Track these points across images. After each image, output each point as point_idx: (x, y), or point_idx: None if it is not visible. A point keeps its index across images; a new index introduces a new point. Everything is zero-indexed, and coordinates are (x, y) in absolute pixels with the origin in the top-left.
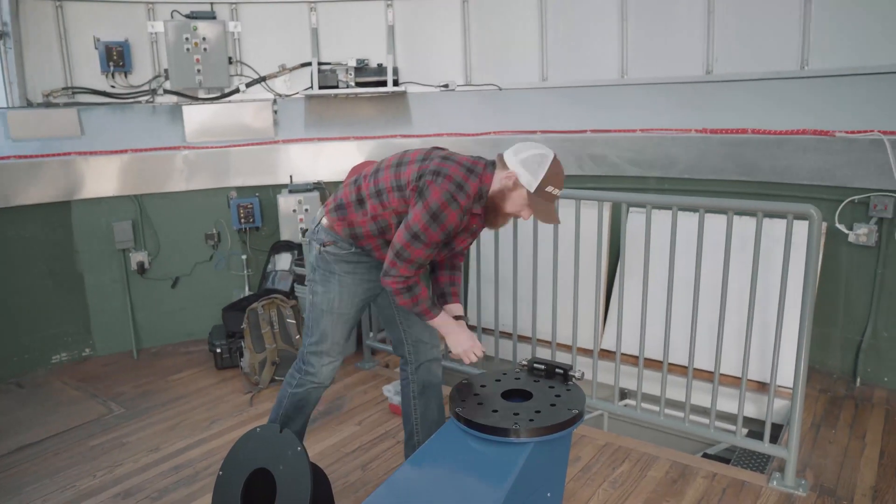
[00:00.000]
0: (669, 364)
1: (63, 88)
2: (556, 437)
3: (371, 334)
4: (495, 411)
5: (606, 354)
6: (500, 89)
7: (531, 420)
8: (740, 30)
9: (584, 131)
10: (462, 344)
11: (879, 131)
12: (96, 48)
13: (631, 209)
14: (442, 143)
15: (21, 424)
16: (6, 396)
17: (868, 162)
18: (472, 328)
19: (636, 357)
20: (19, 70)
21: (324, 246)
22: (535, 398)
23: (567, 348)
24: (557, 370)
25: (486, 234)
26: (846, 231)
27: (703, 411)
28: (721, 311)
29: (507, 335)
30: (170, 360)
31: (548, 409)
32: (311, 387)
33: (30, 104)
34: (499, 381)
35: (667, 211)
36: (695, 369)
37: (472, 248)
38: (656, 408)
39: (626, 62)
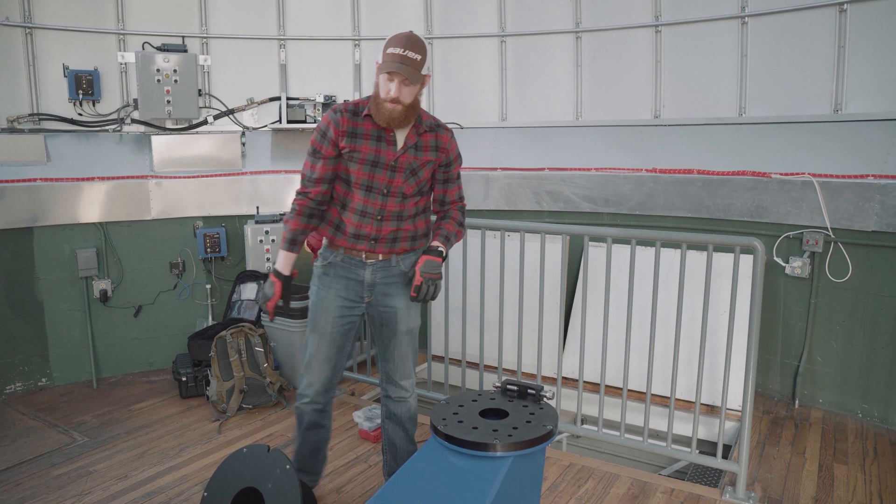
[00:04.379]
0: (625, 391)
1: (29, 114)
2: (533, 451)
3: None
4: (475, 428)
5: (566, 381)
6: (462, 127)
7: (510, 435)
8: (684, 79)
9: (542, 169)
10: (266, 291)
11: (810, 174)
12: (65, 76)
13: (588, 242)
14: None
15: None
16: None
17: (800, 201)
18: (439, 359)
19: (595, 384)
20: None
21: (314, 262)
22: (511, 416)
23: (531, 377)
24: (529, 391)
25: (454, 264)
26: (783, 264)
27: (657, 435)
28: (676, 339)
29: (474, 365)
30: (131, 389)
31: (524, 425)
32: (300, 402)
33: None
34: (475, 401)
35: (621, 244)
36: (652, 394)
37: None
38: (616, 431)
39: (580, 105)
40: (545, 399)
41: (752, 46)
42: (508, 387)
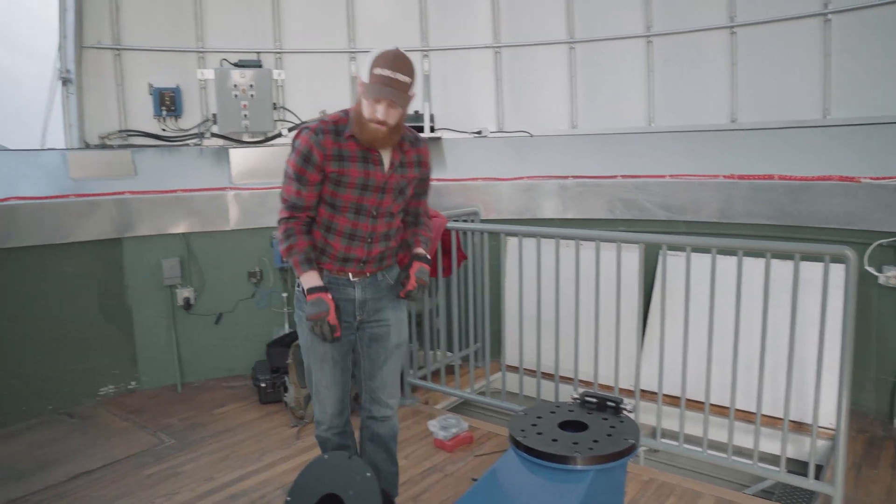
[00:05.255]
0: (707, 405)
1: (118, 131)
2: (614, 466)
3: (411, 371)
4: (555, 440)
5: (644, 394)
6: (531, 136)
7: (590, 448)
8: (762, 81)
9: (614, 177)
10: (310, 309)
11: None
12: (150, 94)
13: (661, 252)
14: (475, 187)
15: (75, 453)
16: (58, 426)
17: (894, 207)
18: (513, 370)
19: (673, 396)
20: (79, 114)
21: (297, 287)
22: (590, 429)
23: (608, 389)
24: (609, 403)
25: (529, 274)
26: (876, 273)
27: (740, 451)
28: (761, 352)
29: (549, 376)
30: (213, 393)
31: (605, 438)
32: (320, 431)
33: (87, 146)
34: (553, 413)
35: (699, 253)
36: (735, 410)
37: (513, 288)
38: (697, 447)
39: (652, 111)
40: (625, 412)
41: (836, 45)
42: (587, 399)
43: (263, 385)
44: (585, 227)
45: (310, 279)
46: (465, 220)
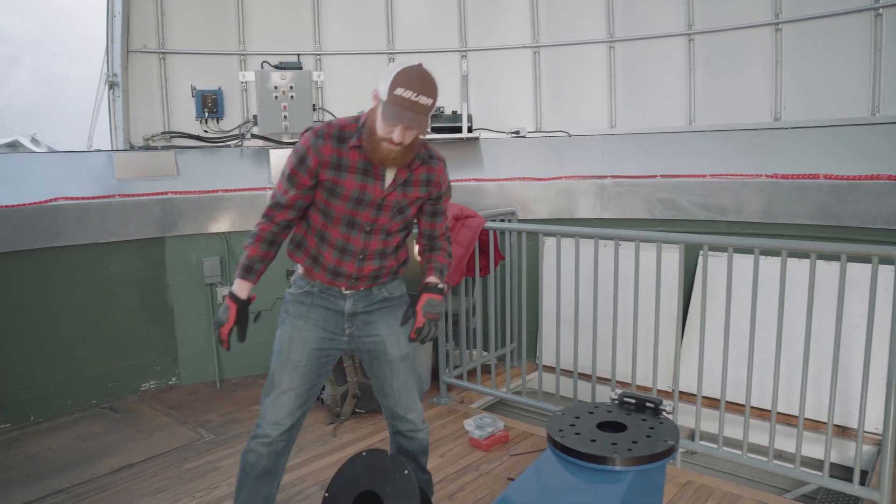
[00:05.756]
0: (748, 407)
1: (162, 133)
2: (654, 467)
3: (447, 370)
4: (593, 441)
5: (681, 396)
6: (570, 136)
7: (629, 449)
8: (809, 78)
9: (654, 176)
10: (219, 313)
11: None
12: (193, 96)
13: (702, 252)
14: (512, 187)
15: (119, 446)
16: (103, 420)
17: None
18: (550, 370)
19: (712, 398)
20: (125, 116)
21: (288, 288)
22: (629, 430)
23: (646, 390)
24: (648, 404)
25: (566, 274)
26: None
27: (780, 455)
28: (805, 355)
29: (586, 377)
30: (250, 390)
31: (644, 439)
32: (253, 444)
33: (132, 147)
34: (591, 413)
35: (741, 254)
36: (776, 413)
37: (551, 288)
38: (736, 450)
39: (693, 110)
40: (664, 413)
41: (886, 40)
42: (626, 399)
43: None
44: (623, 227)
45: (239, 286)
46: (502, 220)
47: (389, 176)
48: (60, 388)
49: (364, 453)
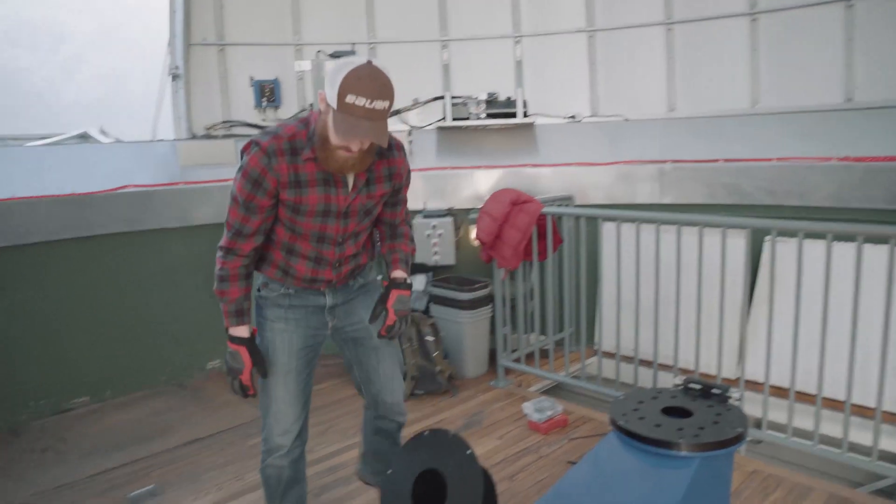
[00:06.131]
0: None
1: (222, 122)
2: (721, 454)
3: (505, 354)
4: (658, 425)
5: (747, 384)
6: (627, 120)
7: (696, 435)
8: (881, 57)
9: (716, 160)
10: (229, 360)
11: None
12: (251, 86)
13: (768, 237)
14: (569, 173)
15: (189, 421)
16: (172, 397)
17: None
18: (609, 356)
19: (780, 388)
20: (187, 106)
21: (258, 291)
22: (695, 416)
23: (710, 378)
24: (714, 391)
25: (627, 260)
26: None
27: (853, 447)
28: (883, 345)
29: (647, 363)
30: None
31: (711, 426)
32: (270, 459)
33: (194, 136)
34: (655, 398)
35: (811, 239)
36: (849, 404)
37: (611, 273)
38: (807, 440)
39: (757, 92)
40: (732, 400)
41: None
42: (691, 385)
43: None
44: (684, 212)
45: (236, 330)
46: (560, 205)
47: (350, 180)
48: (133, 366)
49: (426, 433)
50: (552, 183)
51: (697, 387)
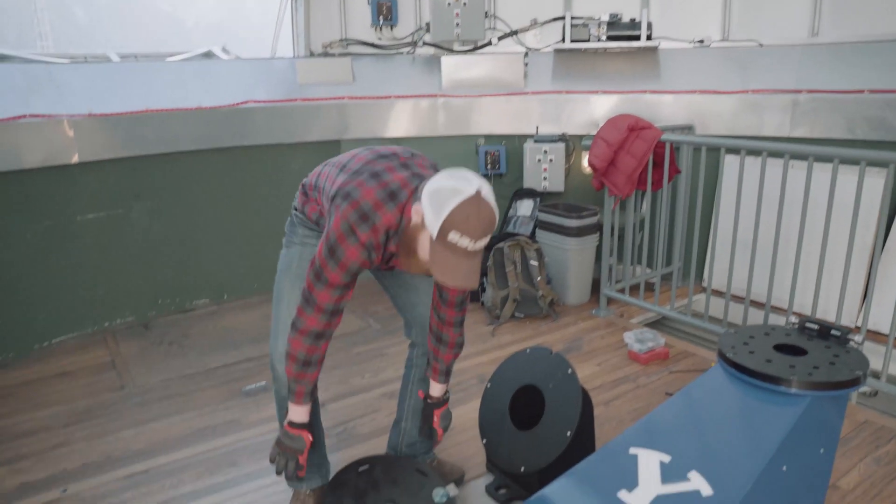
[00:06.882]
0: None
1: (339, 40)
2: (835, 395)
3: (609, 284)
4: (769, 361)
5: (869, 334)
6: (761, 45)
7: (809, 374)
8: None
9: (860, 91)
10: (286, 442)
11: None
12: (369, 4)
13: None
14: (692, 101)
15: None
16: None
17: None
18: (718, 294)
19: None
20: (306, 24)
21: (294, 210)
22: (810, 355)
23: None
24: (833, 332)
25: (748, 194)
26: None
27: None
28: None
29: (759, 305)
30: None
31: (827, 366)
32: (278, 386)
33: (312, 54)
34: (767, 335)
35: None
36: None
37: (728, 208)
38: None
39: None
40: (853, 342)
41: None
42: (808, 325)
43: None
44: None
45: (300, 413)
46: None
47: None
48: (249, 272)
49: (528, 350)
50: (673, 111)
51: (815, 326)
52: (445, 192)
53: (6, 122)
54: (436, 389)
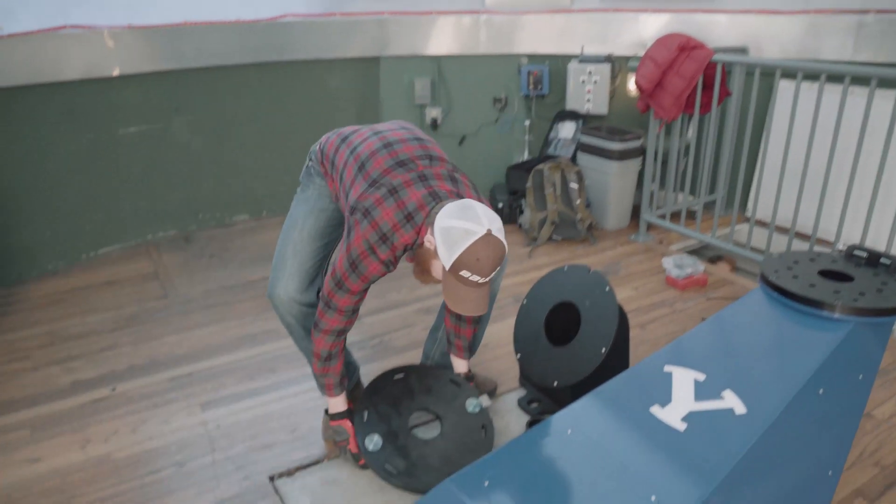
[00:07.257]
0: None
1: None
2: (880, 322)
3: (650, 209)
4: (813, 285)
5: None
6: None
7: (854, 300)
8: None
9: None
10: (331, 435)
11: None
12: None
13: None
14: (745, 21)
15: None
16: None
17: None
18: (762, 224)
19: None
20: None
21: (310, 160)
22: (856, 281)
23: None
24: (883, 260)
25: (799, 123)
26: None
27: None
28: None
29: (804, 237)
30: None
31: (874, 293)
32: (279, 312)
33: None
34: (813, 260)
35: None
36: None
37: (779, 136)
38: None
39: None
40: None
41: None
42: (856, 252)
43: (501, 206)
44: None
45: (336, 404)
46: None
47: None
48: (288, 189)
49: (566, 267)
50: (726, 32)
51: (863, 254)
52: (457, 233)
53: (47, 33)
54: (460, 365)
